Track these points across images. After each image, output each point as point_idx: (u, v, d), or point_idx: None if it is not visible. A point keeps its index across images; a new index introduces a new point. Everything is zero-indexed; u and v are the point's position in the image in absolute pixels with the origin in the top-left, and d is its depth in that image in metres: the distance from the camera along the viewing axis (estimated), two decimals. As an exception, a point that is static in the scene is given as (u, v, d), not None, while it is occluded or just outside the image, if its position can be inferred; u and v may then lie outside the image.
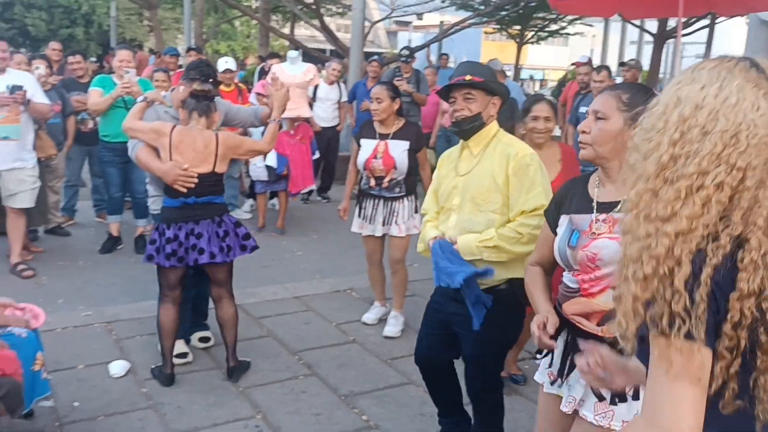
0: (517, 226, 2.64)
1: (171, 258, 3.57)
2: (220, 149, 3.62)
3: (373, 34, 24.97)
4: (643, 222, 1.19)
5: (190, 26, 15.03)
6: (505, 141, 2.79)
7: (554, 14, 16.44)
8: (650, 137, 1.21)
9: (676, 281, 1.14)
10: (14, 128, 5.12)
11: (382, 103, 4.31)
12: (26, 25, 27.16)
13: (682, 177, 1.16)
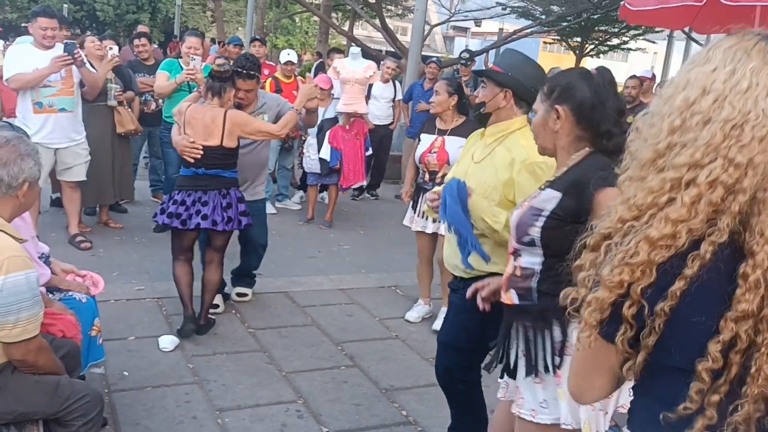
0: None
1: (172, 218, 3.93)
2: (227, 125, 3.90)
3: (430, 38, 24.99)
4: (623, 210, 1.09)
5: (253, 19, 15.28)
6: (522, 142, 2.64)
7: (617, 28, 16.20)
8: (653, 122, 1.10)
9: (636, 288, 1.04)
10: (70, 100, 5.27)
11: (439, 96, 4.34)
12: (95, 10, 27.97)
13: (671, 167, 1.04)
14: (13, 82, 5.00)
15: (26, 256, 2.12)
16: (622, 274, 1.04)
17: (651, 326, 1.05)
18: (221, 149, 3.93)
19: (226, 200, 3.96)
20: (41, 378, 2.26)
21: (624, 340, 1.09)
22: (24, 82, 4.98)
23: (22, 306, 2.06)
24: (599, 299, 1.08)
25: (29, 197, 2.20)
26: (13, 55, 5.12)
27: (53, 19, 5.14)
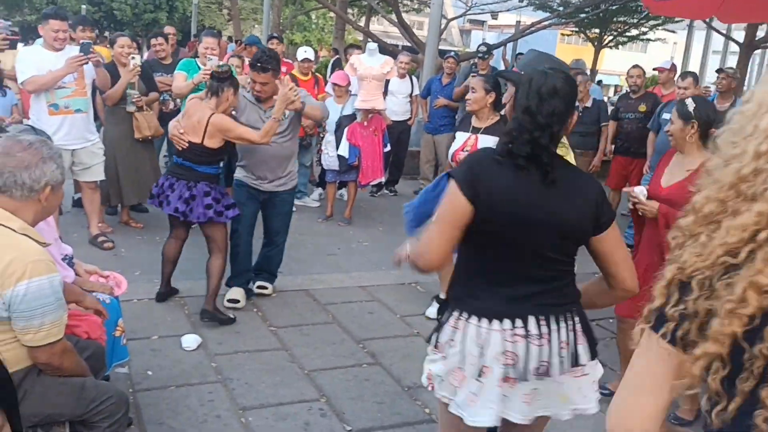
0: None
1: (152, 197, 4.36)
2: (209, 128, 4.14)
3: (447, 31, 24.87)
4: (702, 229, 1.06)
5: (269, 16, 15.30)
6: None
7: (635, 18, 16.02)
8: (736, 142, 1.05)
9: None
10: (84, 101, 5.31)
11: (476, 93, 4.29)
12: (113, 9, 28.20)
13: (760, 198, 0.98)
14: (30, 84, 5.02)
15: (50, 260, 2.13)
16: (732, 325, 1.01)
17: (749, 370, 1.01)
18: (202, 147, 4.18)
19: (190, 192, 4.20)
20: (67, 380, 2.27)
21: (716, 379, 1.05)
22: (41, 84, 5.01)
23: (46, 310, 2.07)
24: (708, 353, 1.04)
25: (52, 201, 2.21)
26: (25, 58, 5.14)
27: (65, 21, 5.17)
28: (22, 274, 2.02)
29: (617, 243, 2.05)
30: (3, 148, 2.13)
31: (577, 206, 1.99)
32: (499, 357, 1.96)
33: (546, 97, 1.96)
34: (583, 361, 2.03)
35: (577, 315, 2.06)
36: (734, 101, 7.12)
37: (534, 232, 1.97)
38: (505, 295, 2.01)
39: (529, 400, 2.01)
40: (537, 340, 1.97)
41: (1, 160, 2.11)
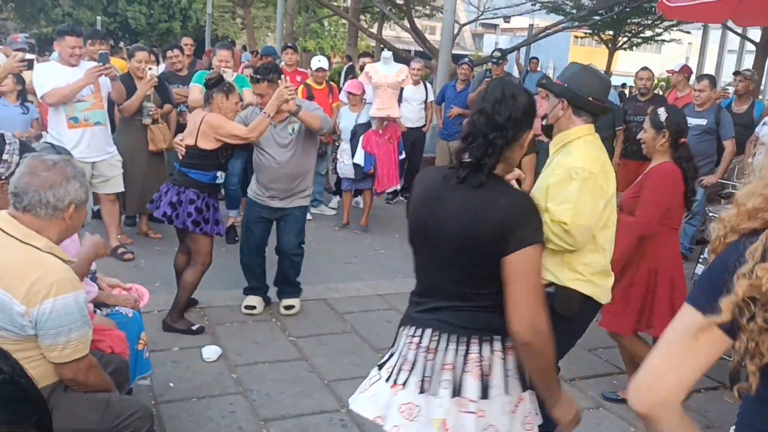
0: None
1: (152, 202, 4.41)
2: (201, 126, 4.18)
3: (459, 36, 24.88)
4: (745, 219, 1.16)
5: (282, 24, 15.40)
6: (575, 151, 2.63)
7: (650, 20, 15.93)
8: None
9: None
10: (102, 114, 5.39)
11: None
12: (127, 19, 28.46)
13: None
14: (50, 97, 5.08)
15: (74, 278, 2.16)
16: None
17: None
18: (196, 149, 4.22)
19: (178, 197, 4.24)
20: (92, 396, 2.30)
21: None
22: (61, 96, 5.07)
23: (72, 327, 2.10)
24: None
25: (76, 219, 2.24)
26: (42, 73, 5.20)
27: (80, 38, 5.26)
28: (48, 292, 2.06)
29: (519, 275, 1.83)
30: (28, 167, 2.17)
31: (487, 219, 1.87)
32: (399, 359, 2.02)
33: (504, 100, 1.94)
34: (467, 395, 1.88)
35: (482, 345, 1.91)
36: (753, 103, 7.07)
37: (439, 242, 1.95)
38: (419, 303, 2.05)
39: (406, 413, 1.93)
40: (424, 353, 1.95)
41: (26, 180, 2.15)
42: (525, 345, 1.84)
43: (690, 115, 6.31)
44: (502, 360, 1.93)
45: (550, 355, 1.89)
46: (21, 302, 2.06)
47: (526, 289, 1.83)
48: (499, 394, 1.91)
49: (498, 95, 1.94)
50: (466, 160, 1.94)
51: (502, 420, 1.91)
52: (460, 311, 1.94)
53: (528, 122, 1.99)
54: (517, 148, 1.99)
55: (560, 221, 2.51)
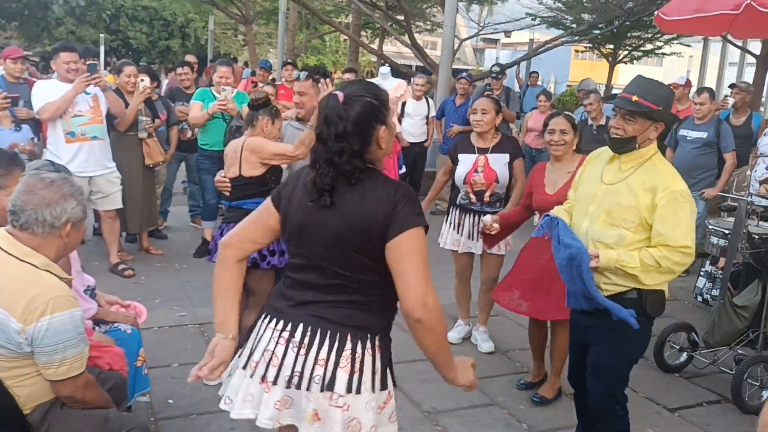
0: (660, 257, 2.64)
1: (210, 254, 4.17)
2: (243, 153, 3.82)
3: (460, 51, 24.98)
4: None
5: (283, 41, 15.50)
6: (660, 168, 2.75)
7: (650, 33, 16.00)
8: None
9: None
10: (101, 129, 5.38)
11: (487, 114, 4.32)
12: (129, 37, 28.66)
13: None
14: (44, 112, 5.10)
15: (71, 295, 2.16)
16: None
17: None
18: (241, 179, 3.86)
19: None
20: (90, 412, 2.30)
21: None
22: (54, 108, 5.09)
23: (68, 344, 2.11)
24: None
25: (73, 237, 2.25)
26: (40, 90, 5.23)
27: (74, 53, 5.28)
28: (44, 310, 2.06)
29: (406, 256, 1.87)
30: (25, 186, 2.18)
31: (362, 211, 1.89)
32: (264, 354, 1.97)
33: (331, 121, 1.91)
34: (337, 389, 1.90)
35: (357, 342, 1.93)
36: (750, 115, 7.09)
37: (316, 239, 1.95)
38: (290, 298, 2.02)
39: (280, 407, 1.94)
40: (296, 348, 1.94)
41: (24, 198, 2.16)
42: (417, 321, 1.85)
43: (690, 128, 6.34)
44: (372, 358, 1.95)
45: (443, 331, 1.93)
46: (18, 320, 2.06)
47: (414, 268, 1.86)
48: (367, 390, 1.92)
49: (322, 119, 1.93)
50: (321, 188, 1.92)
51: (366, 415, 1.93)
52: (335, 307, 1.95)
53: (368, 124, 1.94)
54: (374, 148, 1.96)
55: (683, 246, 2.62)
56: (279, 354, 1.94)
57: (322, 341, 1.92)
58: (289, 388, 1.93)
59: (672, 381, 4.26)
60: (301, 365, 1.92)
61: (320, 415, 1.92)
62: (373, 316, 1.95)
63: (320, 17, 14.99)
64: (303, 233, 1.98)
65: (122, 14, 28.27)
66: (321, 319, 1.94)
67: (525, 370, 4.29)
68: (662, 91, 2.74)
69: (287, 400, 1.94)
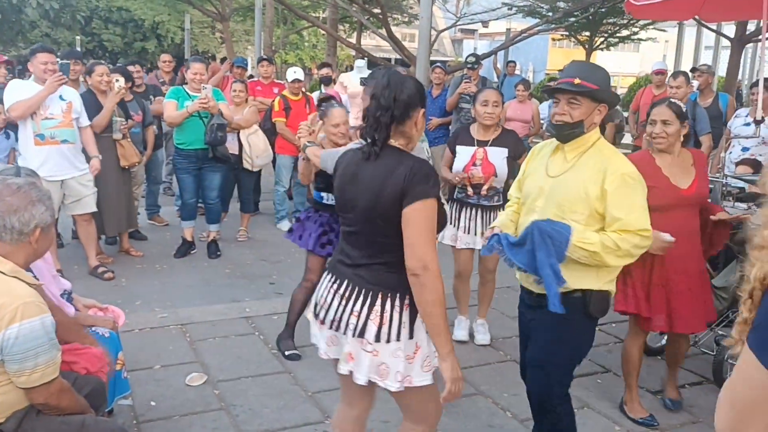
0: (619, 240, 2.56)
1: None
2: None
3: (438, 42, 24.96)
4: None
5: (261, 37, 15.39)
6: (606, 152, 2.66)
7: (625, 19, 16.08)
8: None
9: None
10: (71, 132, 5.30)
11: (498, 107, 4.28)
12: (104, 40, 28.36)
13: None
14: (14, 110, 5.03)
15: (40, 302, 2.13)
16: None
17: None
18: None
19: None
20: (66, 419, 2.27)
21: None
22: (26, 107, 5.01)
23: (39, 351, 2.08)
24: None
25: (42, 243, 2.22)
26: (14, 89, 5.17)
27: (51, 54, 5.22)
28: (13, 317, 2.03)
29: (414, 221, 2.14)
30: (-8, 192, 2.15)
31: (386, 183, 2.18)
32: (321, 300, 2.39)
33: (389, 86, 2.22)
34: (367, 336, 2.23)
35: (386, 300, 2.24)
36: (716, 95, 7.20)
37: (354, 211, 2.28)
38: (341, 259, 2.39)
39: (329, 343, 2.39)
40: (339, 298, 2.32)
41: (-9, 205, 2.12)
42: (416, 276, 2.14)
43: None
44: (399, 313, 2.25)
45: (440, 292, 2.16)
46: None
47: (419, 233, 2.14)
48: (393, 340, 2.23)
49: (384, 82, 2.24)
50: (363, 137, 2.28)
51: (393, 361, 2.23)
52: (370, 268, 2.28)
53: (414, 103, 2.25)
54: (410, 124, 2.27)
55: (641, 229, 2.57)
56: (329, 301, 2.35)
57: (358, 296, 2.27)
58: (331, 329, 2.34)
59: (654, 364, 4.29)
60: (341, 313, 2.30)
61: (353, 356, 2.27)
62: (402, 277, 2.20)
63: (297, 13, 14.90)
64: (346, 206, 2.34)
65: (96, 16, 27.95)
66: (360, 278, 2.29)
67: (509, 359, 4.30)
68: (600, 72, 2.68)
69: (334, 338, 2.36)
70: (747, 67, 16.57)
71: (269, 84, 8.07)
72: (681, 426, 3.59)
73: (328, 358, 2.42)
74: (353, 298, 2.28)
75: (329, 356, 2.41)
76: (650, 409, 3.69)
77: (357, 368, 2.27)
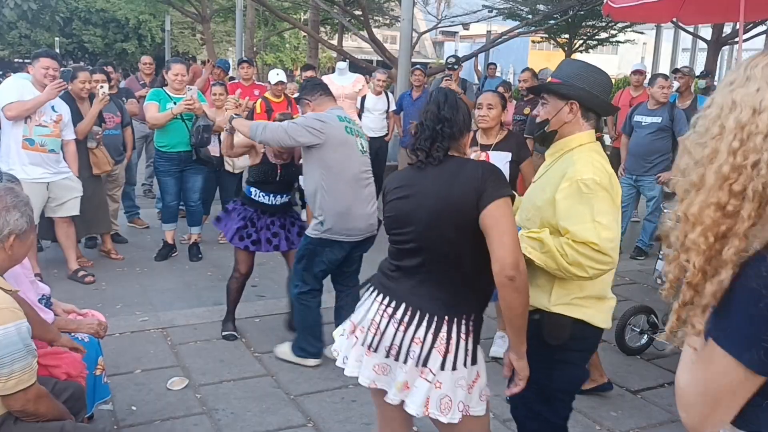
0: (565, 244, 2.23)
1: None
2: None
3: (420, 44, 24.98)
4: (714, 241, 1.12)
5: (242, 39, 15.34)
6: (575, 157, 2.35)
7: (604, 22, 16.22)
8: (704, 142, 1.14)
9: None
10: (58, 143, 5.29)
11: (494, 110, 4.13)
12: (84, 41, 28.11)
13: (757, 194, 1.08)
14: (10, 110, 4.97)
15: (15, 308, 2.10)
16: None
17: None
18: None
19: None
20: (45, 425, 2.25)
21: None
22: (23, 110, 4.98)
23: (15, 357, 2.05)
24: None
25: (18, 249, 2.19)
26: (11, 86, 5.13)
27: (54, 60, 5.22)
28: None
29: (498, 222, 2.04)
30: (-33, 197, 2.12)
31: (455, 187, 2.11)
32: (370, 324, 2.21)
33: (448, 102, 2.25)
34: (430, 365, 2.09)
35: (452, 325, 2.11)
36: (695, 98, 7.30)
37: (417, 220, 2.16)
38: (396, 277, 2.23)
39: (378, 371, 2.20)
40: (396, 324, 2.15)
41: (-35, 210, 2.09)
42: (509, 279, 2.00)
43: (645, 114, 6.46)
44: (465, 340, 2.13)
45: (527, 294, 2.07)
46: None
47: (505, 233, 2.03)
48: (459, 367, 2.11)
49: (442, 98, 2.25)
50: (419, 149, 2.22)
51: (456, 392, 2.11)
52: (436, 291, 2.14)
53: (466, 125, 2.26)
54: (463, 143, 2.26)
55: (587, 242, 2.20)
56: (382, 326, 2.17)
57: (420, 321, 2.12)
58: (388, 358, 2.16)
59: (634, 363, 4.33)
60: (400, 340, 2.13)
61: (409, 386, 2.13)
62: (469, 296, 2.13)
63: (277, 14, 14.86)
64: (403, 220, 2.21)
65: (76, 17, 27.69)
66: (420, 299, 2.14)
67: (489, 359, 4.31)
68: (571, 68, 2.46)
69: (385, 366, 2.19)
70: (724, 68, 16.80)
71: (250, 86, 8.04)
72: (661, 425, 3.63)
73: (372, 387, 2.24)
74: (414, 324, 2.12)
75: (376, 386, 2.22)
76: (631, 408, 3.73)
77: (411, 398, 2.12)
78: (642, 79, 7.90)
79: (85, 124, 5.55)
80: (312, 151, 3.84)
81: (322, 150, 3.81)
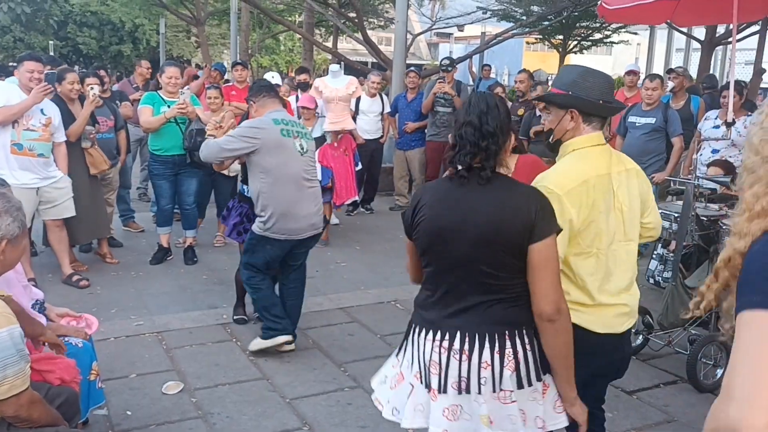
0: None
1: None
2: None
3: (414, 46, 25.03)
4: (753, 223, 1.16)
5: (237, 42, 15.34)
6: (560, 163, 2.40)
7: (598, 23, 16.29)
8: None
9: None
10: (47, 147, 5.26)
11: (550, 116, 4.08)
12: (78, 43, 28.04)
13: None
14: None
15: (8, 313, 2.09)
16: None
17: None
18: None
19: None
20: (38, 431, 2.23)
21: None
22: (10, 114, 4.95)
23: (7, 362, 2.04)
24: None
25: (10, 254, 2.17)
26: None
27: (39, 63, 5.19)
28: None
29: (545, 261, 1.99)
30: (-42, 202, 2.11)
31: (507, 212, 2.00)
32: (428, 365, 2.07)
33: (490, 111, 2.08)
34: (506, 386, 2.01)
35: (515, 338, 2.03)
36: (689, 99, 7.33)
37: (462, 241, 2.03)
38: (439, 308, 2.10)
39: (450, 415, 2.05)
40: (457, 355, 2.03)
41: (-44, 215, 2.08)
42: (551, 322, 1.98)
43: (638, 115, 6.47)
44: (532, 351, 2.06)
45: (570, 335, 2.03)
46: (-47, 340, 1.99)
47: (551, 273, 2.00)
48: (534, 381, 2.05)
49: (483, 107, 2.08)
50: (459, 167, 2.07)
51: (531, 406, 2.05)
52: (488, 308, 2.04)
53: (509, 129, 2.14)
54: (504, 152, 2.13)
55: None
56: (442, 363, 2.04)
57: (482, 345, 2.02)
58: (460, 394, 2.02)
59: (629, 364, 4.33)
60: (467, 370, 2.01)
61: (494, 417, 2.02)
62: (522, 310, 2.04)
63: (272, 17, 14.88)
64: (443, 237, 2.06)
65: (70, 20, 27.62)
66: (476, 323, 2.04)
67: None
68: (569, 76, 2.46)
69: (455, 409, 2.04)
70: (717, 69, 16.86)
71: (244, 88, 8.03)
72: (656, 425, 3.63)
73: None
74: (476, 348, 2.01)
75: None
76: (627, 408, 3.73)
77: (506, 428, 2.02)
78: (636, 79, 7.92)
79: (77, 125, 5.53)
80: (251, 156, 4.07)
81: (258, 155, 4.05)
